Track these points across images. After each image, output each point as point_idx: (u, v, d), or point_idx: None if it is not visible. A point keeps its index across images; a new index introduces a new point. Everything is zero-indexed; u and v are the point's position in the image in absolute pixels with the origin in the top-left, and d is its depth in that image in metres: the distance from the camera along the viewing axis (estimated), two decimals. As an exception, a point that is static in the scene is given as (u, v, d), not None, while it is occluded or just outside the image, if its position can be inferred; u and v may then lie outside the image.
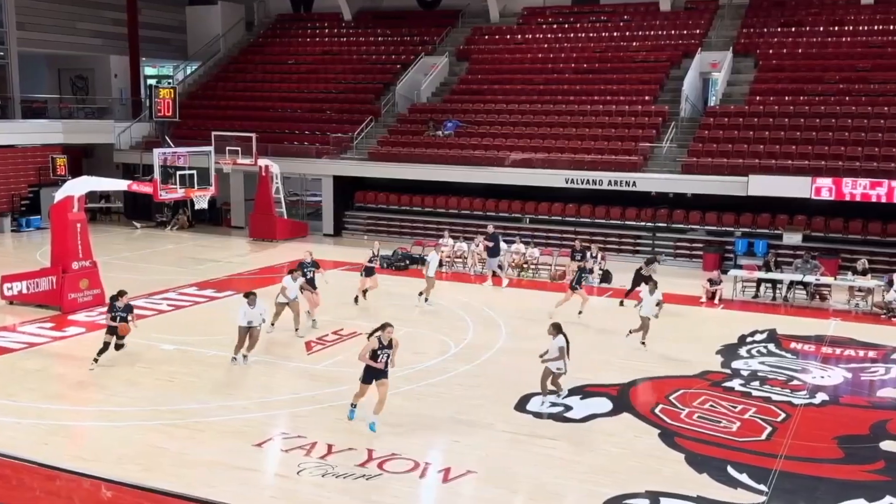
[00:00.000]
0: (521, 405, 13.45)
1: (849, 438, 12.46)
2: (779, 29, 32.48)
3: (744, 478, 10.89)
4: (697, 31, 33.63)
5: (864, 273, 21.96)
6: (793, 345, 17.80)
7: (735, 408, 13.69)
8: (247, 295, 15.41)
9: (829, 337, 18.40)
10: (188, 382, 14.51)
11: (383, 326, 12.16)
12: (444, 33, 38.47)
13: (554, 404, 13.46)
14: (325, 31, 41.57)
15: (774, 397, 14.26)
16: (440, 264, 23.23)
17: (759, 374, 15.62)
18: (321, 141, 33.25)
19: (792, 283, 22.34)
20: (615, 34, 35.07)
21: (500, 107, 32.81)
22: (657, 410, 13.43)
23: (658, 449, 11.96)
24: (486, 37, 37.64)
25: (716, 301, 21.82)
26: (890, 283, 20.86)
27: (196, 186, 21.97)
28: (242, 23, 43.59)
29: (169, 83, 37.33)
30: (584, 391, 14.10)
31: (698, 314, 20.91)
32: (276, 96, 37.52)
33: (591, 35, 35.51)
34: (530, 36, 36.80)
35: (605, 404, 13.71)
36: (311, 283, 18.15)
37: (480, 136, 31.55)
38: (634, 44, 34.20)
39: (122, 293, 15.32)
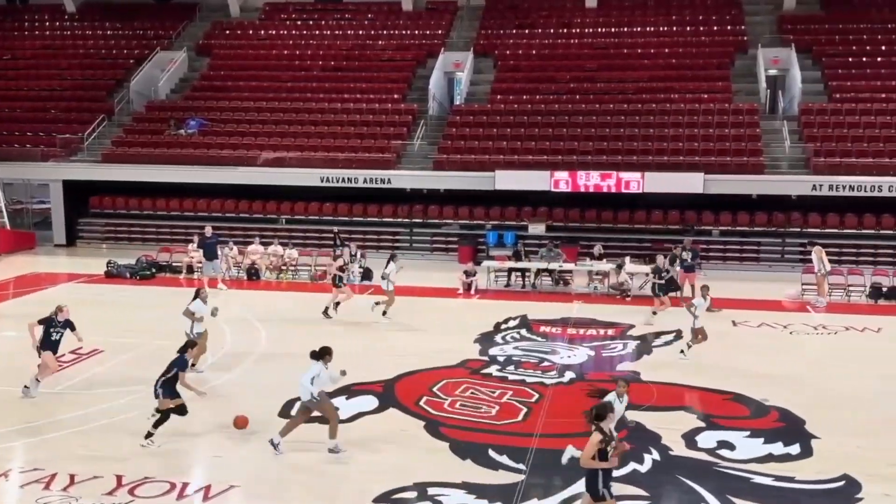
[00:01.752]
0: (286, 411, 12.95)
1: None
2: (514, 31, 34.32)
3: (504, 459, 11.21)
4: (440, 32, 34.66)
5: (600, 258, 23.75)
6: (542, 328, 18.78)
7: (494, 393, 14.13)
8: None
9: (574, 319, 19.64)
10: None
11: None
12: (180, 27, 36.65)
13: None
14: (45, 25, 38.04)
15: (528, 379, 14.90)
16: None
17: (514, 358, 16.28)
18: (46, 142, 30.33)
19: (539, 271, 23.65)
20: (360, 32, 35.25)
21: (246, 104, 31.79)
22: (422, 403, 13.52)
23: (424, 440, 12.02)
24: (228, 31, 36.37)
25: (472, 292, 22.58)
26: (620, 266, 22.69)
27: None
28: (-53, 15, 38.73)
29: None
30: (351, 390, 13.87)
31: (457, 305, 21.50)
32: (-10, 95, 33.70)
33: (337, 33, 35.44)
34: (274, 32, 36.06)
35: (370, 402, 13.57)
36: (54, 345, 13.63)
37: (227, 134, 30.35)
38: (380, 42, 34.59)
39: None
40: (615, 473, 10.75)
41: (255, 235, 26.24)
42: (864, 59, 30.36)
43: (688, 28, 33.20)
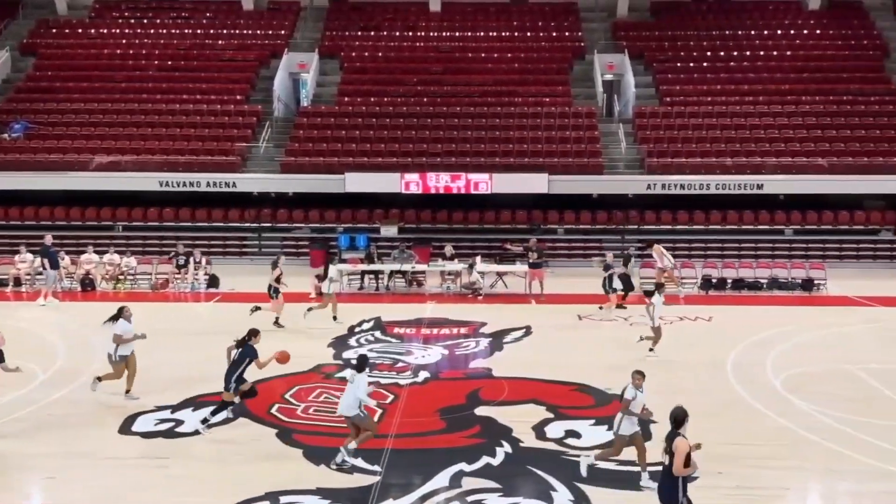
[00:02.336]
0: (127, 427, 12.24)
1: (449, 409, 13.36)
2: (359, 32, 34.22)
3: (358, 462, 11.07)
4: (283, 32, 34.05)
5: (451, 258, 24.01)
6: (396, 329, 18.75)
7: (348, 396, 13.93)
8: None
9: (427, 319, 19.73)
10: None
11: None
12: (2, 26, 34.12)
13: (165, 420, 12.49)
14: None
15: (384, 381, 14.80)
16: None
17: (369, 360, 16.12)
18: None
19: (392, 273, 23.62)
20: (199, 31, 34.10)
21: (77, 106, 30.02)
22: (273, 410, 13.15)
23: (276, 449, 11.68)
24: (55, 30, 34.26)
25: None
26: (472, 266, 23.04)
27: None
28: None
29: None
30: (197, 402, 13.30)
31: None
32: None
33: (174, 32, 34.13)
34: (105, 31, 34.29)
35: (220, 413, 13.03)
36: None
37: (56, 138, 28.55)
38: (220, 42, 33.59)
39: None
40: (468, 469, 10.90)
41: (89, 244, 24.71)
42: (692, 64, 32.34)
43: (528, 34, 34.22)
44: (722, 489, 10.42)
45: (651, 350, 16.25)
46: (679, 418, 8.41)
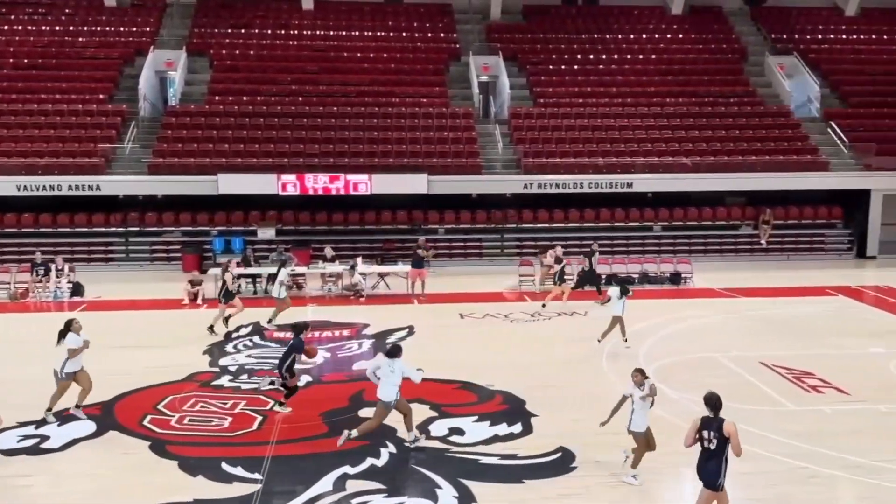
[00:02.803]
0: (-14, 446, 11.43)
1: (332, 412, 13.16)
2: (229, 30, 33.30)
3: (238, 471, 10.75)
4: (148, 29, 32.75)
5: (332, 260, 23.70)
6: (276, 334, 18.31)
7: (226, 404, 13.51)
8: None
9: (309, 322, 19.31)
10: None
11: None
12: None
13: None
14: None
15: (264, 388, 14.42)
16: None
17: (247, 367, 15.71)
18: None
19: (270, 276, 23.07)
20: (57, 28, 32.35)
21: (-78, 106, 27.81)
22: (146, 422, 12.57)
23: (149, 461, 11.17)
24: None
25: (199, 301, 21.49)
26: (353, 267, 22.81)
27: None
28: None
29: None
30: (63, 416, 12.55)
31: (183, 317, 20.34)
32: None
33: (30, 28, 32.26)
34: (-45, 26, 31.92)
35: (87, 427, 12.37)
36: None
37: None
38: (81, 39, 31.97)
39: None
40: (352, 472, 10.75)
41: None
42: (563, 66, 33.19)
43: (403, 34, 34.24)
44: (600, 477, 10.69)
45: (625, 340, 16.82)
46: (719, 404, 8.65)
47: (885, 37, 35.46)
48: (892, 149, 29.36)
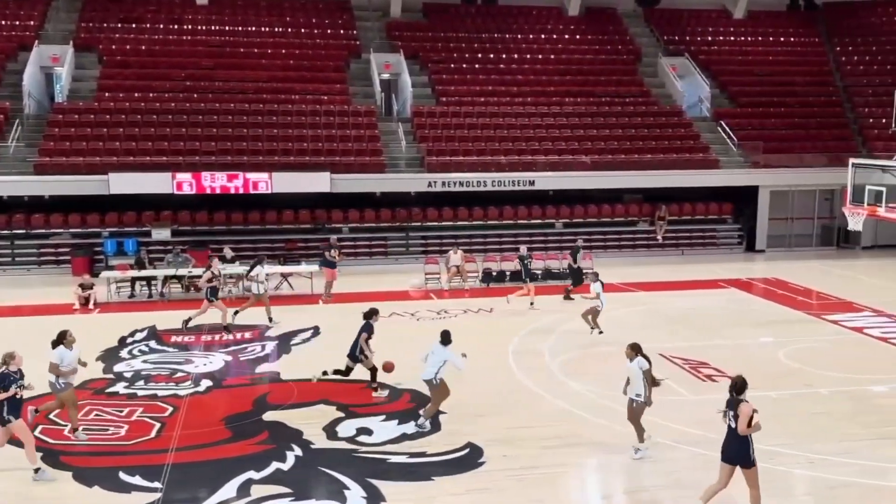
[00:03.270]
0: None
1: (235, 417, 12.83)
2: (119, 25, 32.03)
3: (136, 480, 10.36)
4: (32, 23, 31.20)
5: (232, 261, 23.09)
6: (174, 338, 17.74)
7: (122, 412, 13.01)
8: None
9: (208, 325, 18.80)
10: None
11: None
12: None
13: None
14: None
15: (161, 393, 13.96)
16: None
17: (143, 372, 15.16)
18: None
19: (167, 278, 22.33)
20: (-68, 21, 30.42)
21: None
22: (37, 433, 11.91)
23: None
24: None
25: (90, 306, 20.61)
26: (253, 267, 22.17)
27: None
28: None
29: None
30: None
31: (73, 322, 19.34)
32: None
33: None
34: None
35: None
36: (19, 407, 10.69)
37: None
38: (-43, 32, 30.14)
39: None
40: (257, 476, 10.48)
41: None
42: (465, 65, 33.35)
43: (302, 30, 33.70)
44: (508, 472, 10.77)
45: (598, 330, 17.69)
46: (740, 386, 9.34)
47: (770, 39, 37.12)
48: (778, 147, 30.81)
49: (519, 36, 35.28)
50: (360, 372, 14.88)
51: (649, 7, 38.04)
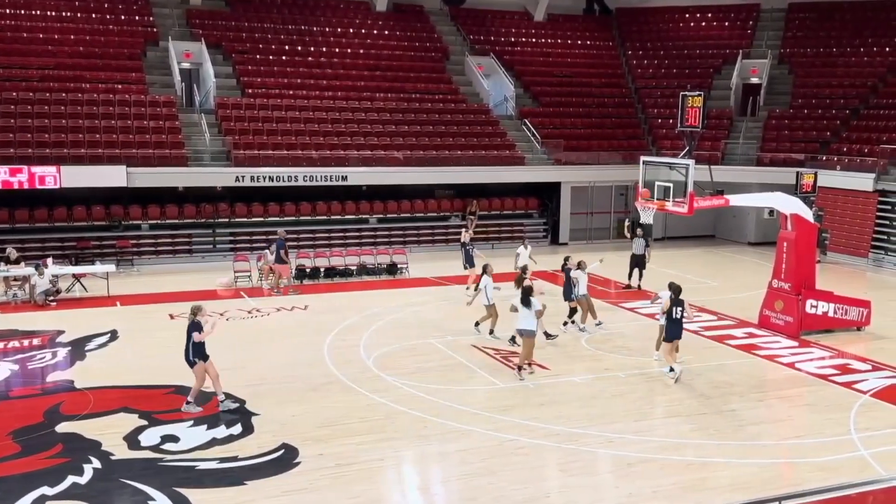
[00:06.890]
0: None
1: (24, 430, 11.78)
2: None
3: None
4: None
5: (17, 262, 21.16)
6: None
7: None
8: None
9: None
10: None
11: None
12: None
13: None
14: None
15: (-67, 409, 12.51)
16: None
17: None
18: None
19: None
20: None
21: None
22: None
23: None
24: None
25: None
26: (38, 268, 20.44)
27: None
28: None
29: None
30: None
31: None
32: None
33: None
34: None
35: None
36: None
37: None
38: None
39: None
40: (51, 492, 9.65)
41: None
42: (272, 56, 32.49)
43: (93, 15, 31.47)
44: (324, 470, 10.58)
45: (491, 332, 17.33)
46: (677, 290, 14.49)
47: (569, 41, 39.02)
48: (577, 145, 32.48)
49: (327, 29, 34.89)
50: (163, 375, 14.11)
51: (455, 6, 38.82)
